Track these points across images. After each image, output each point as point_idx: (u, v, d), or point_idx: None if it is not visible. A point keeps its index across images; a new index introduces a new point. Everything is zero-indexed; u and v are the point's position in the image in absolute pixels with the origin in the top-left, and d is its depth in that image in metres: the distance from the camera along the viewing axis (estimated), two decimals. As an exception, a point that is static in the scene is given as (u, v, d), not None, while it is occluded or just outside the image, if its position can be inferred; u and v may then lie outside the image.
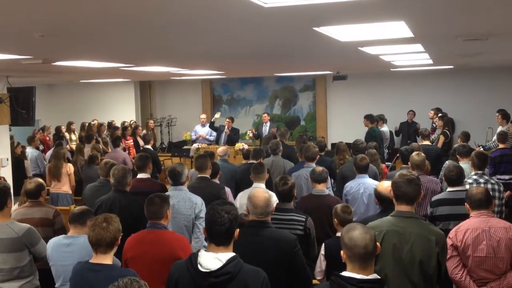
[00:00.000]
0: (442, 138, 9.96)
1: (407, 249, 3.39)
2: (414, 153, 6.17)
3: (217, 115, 13.16)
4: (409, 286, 3.38)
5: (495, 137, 9.80)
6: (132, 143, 11.99)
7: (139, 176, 5.96)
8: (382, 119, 12.12)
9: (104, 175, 6.12)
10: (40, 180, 5.27)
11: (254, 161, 7.18)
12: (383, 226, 3.46)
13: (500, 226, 4.00)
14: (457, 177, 5.06)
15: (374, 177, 6.26)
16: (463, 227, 4.07)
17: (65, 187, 8.30)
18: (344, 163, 7.44)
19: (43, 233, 4.56)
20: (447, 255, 3.77)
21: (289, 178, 4.73)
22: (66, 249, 4.02)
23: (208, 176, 6.03)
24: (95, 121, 13.55)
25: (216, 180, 6.31)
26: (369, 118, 10.68)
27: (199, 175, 6.03)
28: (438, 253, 3.38)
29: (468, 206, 4.20)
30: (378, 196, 4.44)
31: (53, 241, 4.16)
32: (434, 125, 11.74)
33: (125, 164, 8.05)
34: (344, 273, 2.66)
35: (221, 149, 8.32)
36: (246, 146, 10.27)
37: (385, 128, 12.09)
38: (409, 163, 6.19)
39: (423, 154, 6.19)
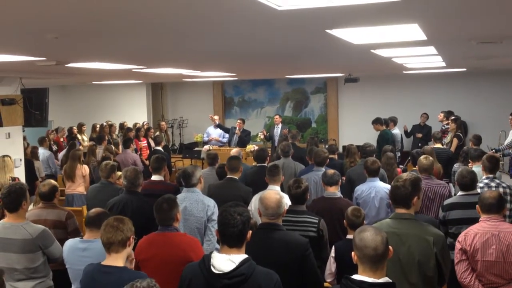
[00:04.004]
0: (455, 141, 9.89)
1: (404, 250, 3.39)
2: (422, 157, 6.11)
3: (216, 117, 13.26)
4: (407, 287, 3.37)
5: (507, 141, 9.74)
6: (146, 145, 12.04)
7: (153, 178, 5.98)
8: (393, 121, 12.05)
9: (105, 176, 6.14)
10: (54, 182, 5.29)
11: (265, 164, 7.19)
12: (381, 228, 3.44)
13: (510, 231, 3.98)
14: (470, 183, 5.02)
15: (382, 179, 6.23)
16: (472, 231, 4.05)
17: (80, 188, 8.36)
18: (354, 166, 7.43)
19: (56, 235, 4.58)
20: (450, 256, 3.73)
21: (303, 181, 4.72)
22: (82, 254, 4.00)
23: (237, 178, 6.09)
24: (109, 122, 13.63)
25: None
26: (378, 121, 10.62)
27: (228, 176, 6.09)
28: (436, 254, 3.37)
29: (479, 209, 4.18)
30: (392, 198, 4.44)
31: (69, 244, 4.16)
32: (443, 128, 11.67)
33: (135, 166, 8.08)
34: (355, 277, 2.65)
35: (234, 150, 8.37)
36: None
37: (396, 131, 12.03)
38: (417, 166, 6.15)
39: (431, 158, 6.12)
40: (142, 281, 2.37)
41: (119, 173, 6.29)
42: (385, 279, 2.64)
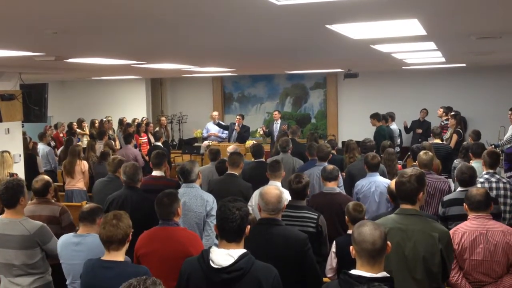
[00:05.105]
0: (455, 137, 9.88)
1: (410, 246, 3.40)
2: (421, 152, 6.13)
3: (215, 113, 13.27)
4: (412, 283, 3.39)
5: (506, 136, 9.74)
6: (146, 140, 12.05)
7: (154, 173, 5.99)
8: (391, 117, 12.06)
9: (112, 171, 6.16)
10: (47, 177, 5.28)
11: (263, 159, 7.20)
12: (387, 224, 3.46)
13: (497, 230, 3.98)
14: (470, 179, 5.03)
15: (382, 175, 6.25)
16: (460, 230, 4.06)
17: (79, 184, 8.36)
18: (354, 161, 7.43)
19: (51, 230, 4.58)
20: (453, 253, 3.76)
21: (303, 176, 4.72)
22: (75, 248, 4.02)
23: (237, 174, 6.10)
24: (109, 118, 13.64)
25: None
26: (375, 117, 10.65)
27: (228, 171, 6.09)
28: (441, 250, 3.38)
29: (466, 207, 4.18)
30: (391, 193, 4.44)
31: (63, 239, 4.17)
32: (443, 123, 11.67)
33: (136, 161, 8.08)
34: (353, 271, 2.66)
35: (231, 147, 8.36)
36: (256, 144, 10.25)
37: (394, 126, 12.04)
38: (416, 161, 6.15)
39: (430, 153, 6.14)
40: (149, 278, 2.35)
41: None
42: (383, 274, 2.64)
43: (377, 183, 5.87)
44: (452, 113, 10.86)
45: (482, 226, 4.00)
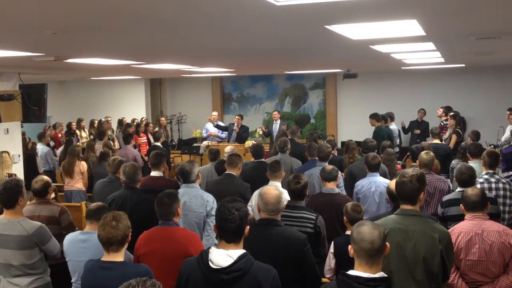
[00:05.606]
0: (454, 138, 9.88)
1: (410, 246, 3.40)
2: (422, 152, 6.13)
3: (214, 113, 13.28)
4: (413, 283, 3.38)
5: (504, 137, 9.75)
6: (145, 140, 12.05)
7: (153, 174, 5.99)
8: (390, 117, 12.07)
9: (112, 172, 6.16)
10: (46, 178, 5.28)
11: (263, 159, 7.19)
12: (387, 224, 3.46)
13: (493, 230, 3.98)
14: (469, 179, 5.03)
15: (384, 175, 6.25)
16: (456, 231, 4.06)
17: (78, 184, 8.35)
18: (354, 162, 7.42)
19: (50, 231, 4.59)
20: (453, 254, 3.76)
21: (302, 176, 4.71)
22: (82, 245, 4.06)
23: (235, 174, 6.08)
24: (109, 118, 13.65)
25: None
26: (374, 117, 10.65)
27: (227, 172, 6.09)
28: (441, 251, 3.38)
29: (463, 207, 4.18)
30: (390, 194, 4.44)
31: (70, 236, 4.21)
32: (442, 124, 11.67)
33: (135, 161, 8.08)
34: (351, 272, 2.66)
35: (228, 147, 8.36)
36: (255, 144, 10.24)
37: (393, 127, 12.04)
38: (417, 161, 6.16)
39: (432, 153, 6.14)
40: (148, 280, 2.35)
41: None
42: (380, 274, 2.64)
43: (377, 183, 5.87)
44: (451, 113, 10.85)
45: (478, 226, 4.00)
